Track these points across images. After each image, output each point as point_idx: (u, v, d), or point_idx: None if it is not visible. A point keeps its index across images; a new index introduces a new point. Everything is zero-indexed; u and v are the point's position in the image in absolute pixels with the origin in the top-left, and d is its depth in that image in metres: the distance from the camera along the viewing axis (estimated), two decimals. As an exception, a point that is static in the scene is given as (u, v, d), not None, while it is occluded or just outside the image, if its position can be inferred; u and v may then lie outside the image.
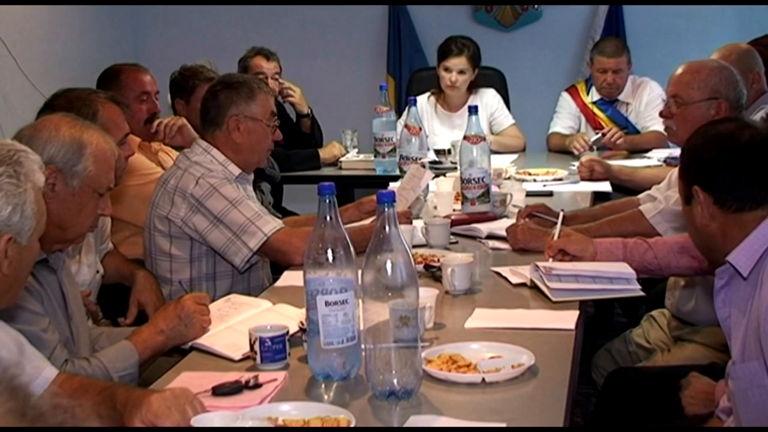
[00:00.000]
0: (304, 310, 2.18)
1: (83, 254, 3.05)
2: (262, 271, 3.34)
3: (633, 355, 3.28)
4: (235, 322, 2.50)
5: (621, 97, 5.35)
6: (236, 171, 3.23)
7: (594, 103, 5.41)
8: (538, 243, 3.11)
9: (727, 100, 3.10)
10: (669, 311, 3.23)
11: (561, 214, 2.99)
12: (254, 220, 3.10)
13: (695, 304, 3.08)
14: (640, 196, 3.50)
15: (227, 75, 3.52)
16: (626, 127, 5.29)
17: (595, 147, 5.14)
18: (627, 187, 4.37)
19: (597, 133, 5.20)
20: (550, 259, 2.81)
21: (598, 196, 4.27)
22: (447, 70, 5.27)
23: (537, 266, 2.72)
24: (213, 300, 2.68)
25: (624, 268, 2.69)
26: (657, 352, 3.19)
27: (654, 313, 3.36)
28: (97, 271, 3.16)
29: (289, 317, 2.45)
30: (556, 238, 2.86)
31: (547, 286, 2.64)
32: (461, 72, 5.25)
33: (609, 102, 5.38)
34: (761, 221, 2.01)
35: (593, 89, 5.40)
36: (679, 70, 3.21)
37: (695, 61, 3.27)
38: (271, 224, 3.12)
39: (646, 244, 2.76)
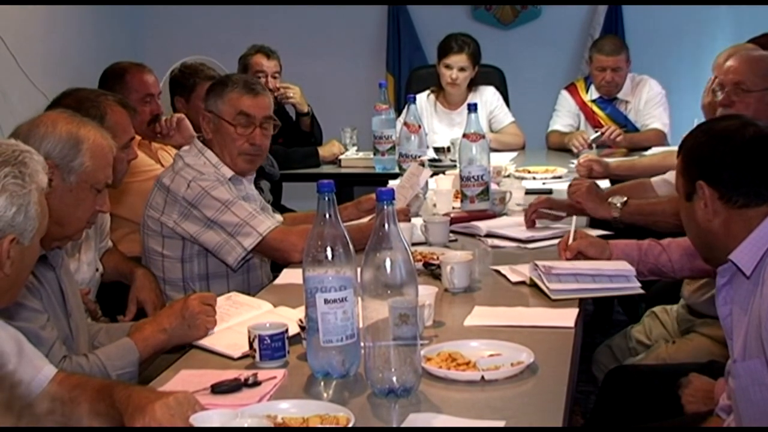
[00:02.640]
0: (303, 308, 2.17)
1: (82, 252, 3.05)
2: (261, 270, 3.33)
3: (633, 351, 3.28)
4: (235, 323, 2.49)
5: (620, 95, 5.35)
6: (228, 173, 3.20)
7: (593, 101, 5.41)
8: (592, 206, 3.12)
9: None
10: (683, 301, 3.22)
11: (574, 218, 2.98)
12: (248, 220, 3.09)
13: (711, 295, 3.07)
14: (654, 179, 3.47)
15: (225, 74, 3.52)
16: (625, 125, 5.29)
17: (594, 145, 5.14)
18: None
19: (596, 131, 5.20)
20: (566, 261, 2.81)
21: (597, 194, 4.26)
22: (448, 67, 5.27)
23: (536, 265, 2.72)
24: None
25: (623, 266, 2.69)
26: (660, 344, 3.18)
27: (656, 309, 3.36)
28: (97, 269, 3.16)
29: (291, 320, 2.43)
30: (571, 239, 2.86)
31: (547, 287, 2.64)
32: (462, 69, 5.25)
33: (608, 100, 5.38)
34: (764, 218, 2.01)
35: (592, 87, 5.40)
36: (738, 58, 3.14)
37: (747, 49, 3.20)
38: (266, 223, 3.11)
39: (660, 246, 2.77)
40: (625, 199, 3.13)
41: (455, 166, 4.19)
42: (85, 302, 2.81)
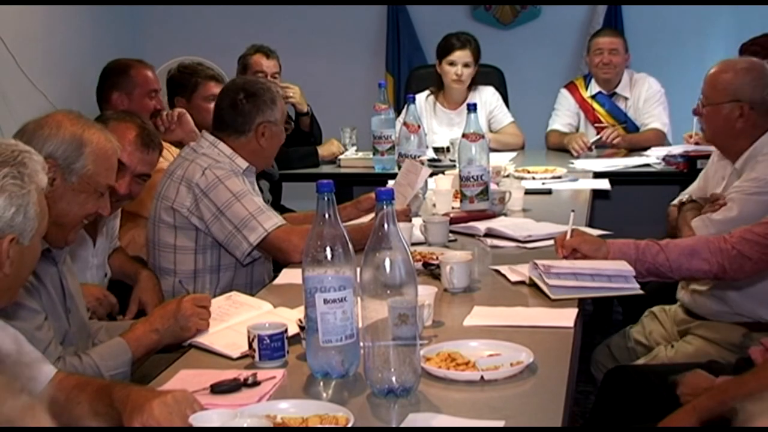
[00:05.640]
0: (302, 309, 2.17)
1: (91, 255, 3.07)
2: (263, 266, 3.35)
3: (631, 351, 3.28)
4: (234, 323, 2.49)
5: (618, 90, 5.36)
6: (243, 164, 3.26)
7: (593, 97, 5.41)
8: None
9: (750, 103, 3.15)
10: (680, 303, 3.22)
11: (572, 213, 2.97)
12: (256, 214, 3.11)
13: (709, 297, 3.07)
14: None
15: (244, 81, 3.46)
16: (625, 122, 5.29)
17: (593, 147, 5.14)
18: (626, 181, 4.47)
19: (597, 136, 5.19)
20: (561, 258, 2.80)
21: (597, 194, 4.27)
22: (452, 64, 5.26)
23: (536, 264, 2.71)
24: (215, 293, 2.68)
25: (623, 266, 2.69)
26: (660, 348, 3.17)
27: (655, 309, 3.36)
28: (105, 274, 3.18)
29: (291, 321, 2.42)
30: (568, 236, 2.85)
31: (546, 284, 2.64)
32: (466, 65, 5.26)
33: (607, 96, 5.38)
34: None
35: (592, 83, 5.41)
36: (712, 69, 3.29)
37: (728, 60, 3.35)
38: (273, 220, 3.13)
39: (658, 246, 2.76)
40: None
41: (455, 166, 4.19)
42: (102, 298, 2.85)
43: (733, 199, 3.18)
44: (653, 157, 4.87)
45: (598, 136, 5.15)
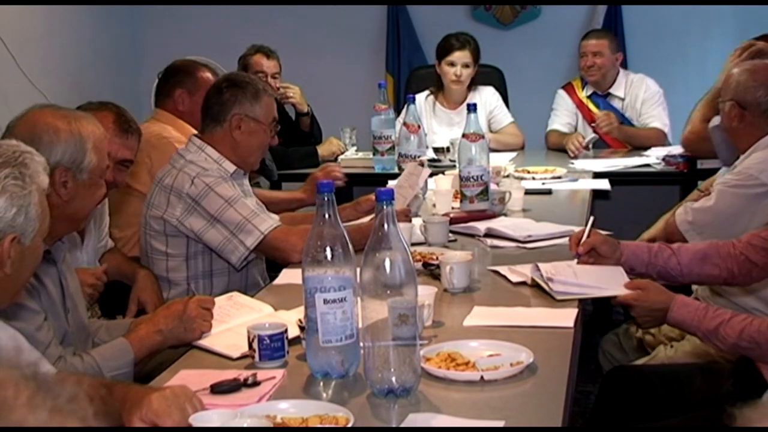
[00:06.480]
0: (302, 309, 2.17)
1: (83, 251, 3.07)
2: (257, 269, 3.34)
3: (638, 341, 3.27)
4: (235, 325, 2.49)
5: (612, 91, 5.36)
6: (231, 168, 3.22)
7: (588, 97, 5.42)
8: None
9: (742, 103, 3.18)
10: (695, 296, 3.22)
11: (592, 218, 2.96)
12: (250, 218, 3.10)
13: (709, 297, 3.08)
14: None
15: (234, 73, 3.48)
16: (621, 122, 5.29)
17: (590, 146, 5.14)
18: (626, 181, 4.46)
19: (593, 135, 5.20)
20: (574, 260, 2.78)
21: (597, 194, 4.27)
22: (452, 64, 5.26)
23: (537, 266, 2.71)
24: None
25: (623, 276, 2.67)
26: (660, 348, 3.18)
27: None
28: None
29: (291, 323, 2.41)
30: (585, 236, 2.83)
31: (550, 288, 2.63)
32: (465, 66, 5.26)
33: (601, 96, 5.38)
34: None
35: (588, 84, 5.41)
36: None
37: (750, 61, 3.49)
38: (268, 222, 3.12)
39: (670, 250, 2.76)
40: None
41: (454, 166, 4.19)
42: (95, 282, 2.90)
43: (714, 190, 3.23)
44: (653, 157, 4.87)
45: (594, 135, 5.15)
